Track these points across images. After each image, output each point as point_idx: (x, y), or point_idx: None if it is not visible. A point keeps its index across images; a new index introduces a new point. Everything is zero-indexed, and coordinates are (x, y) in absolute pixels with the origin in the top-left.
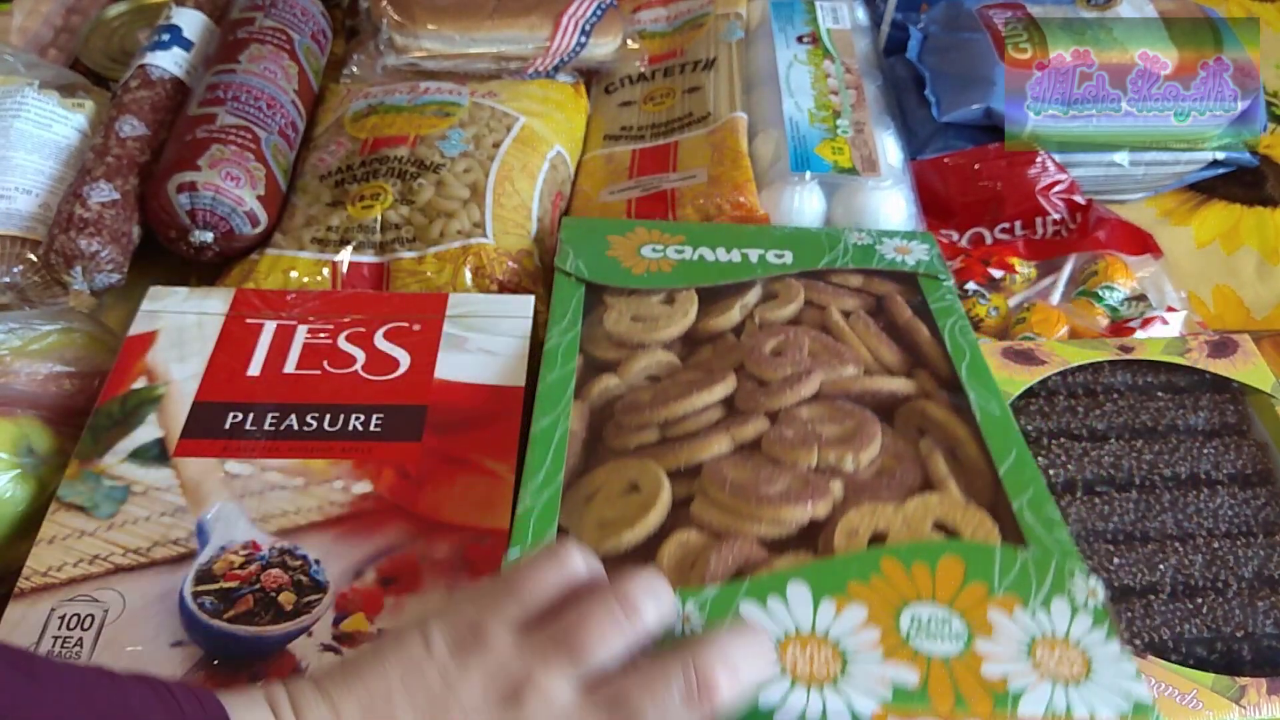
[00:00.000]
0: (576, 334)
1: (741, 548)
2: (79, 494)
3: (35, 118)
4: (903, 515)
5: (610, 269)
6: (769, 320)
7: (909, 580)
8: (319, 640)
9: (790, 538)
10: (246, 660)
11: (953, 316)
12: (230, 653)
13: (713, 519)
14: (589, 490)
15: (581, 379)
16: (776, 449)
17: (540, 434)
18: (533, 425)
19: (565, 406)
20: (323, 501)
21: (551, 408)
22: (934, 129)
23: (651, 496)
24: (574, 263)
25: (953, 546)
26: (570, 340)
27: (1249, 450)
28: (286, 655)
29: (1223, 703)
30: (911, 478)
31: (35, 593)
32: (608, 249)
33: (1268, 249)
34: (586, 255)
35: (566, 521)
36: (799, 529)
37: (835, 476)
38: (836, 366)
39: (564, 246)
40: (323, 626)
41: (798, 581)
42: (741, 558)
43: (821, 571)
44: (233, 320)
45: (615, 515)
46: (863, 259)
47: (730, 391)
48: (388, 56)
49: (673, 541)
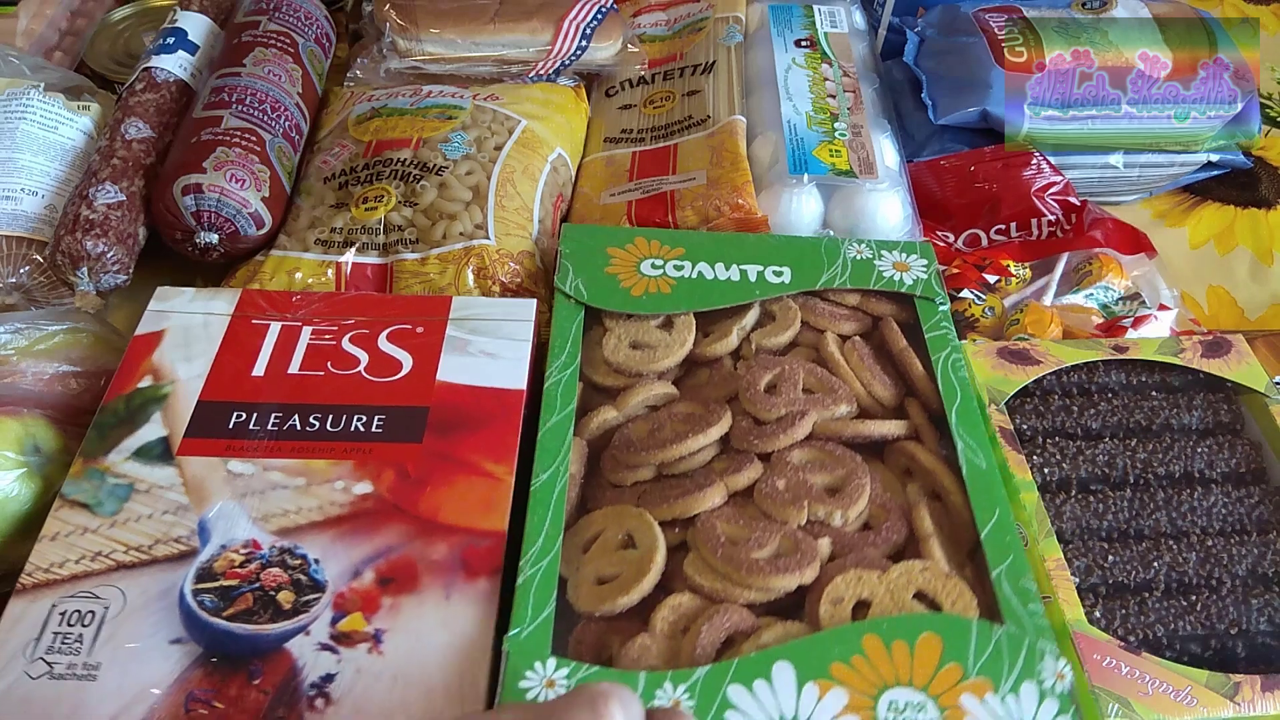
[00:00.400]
0: (576, 368)
1: (731, 616)
2: (83, 491)
3: (41, 120)
4: (886, 584)
5: (609, 289)
6: (765, 347)
7: (889, 660)
8: (316, 639)
9: (778, 600)
10: (244, 658)
11: (946, 349)
12: (228, 650)
13: (704, 582)
14: (588, 534)
15: (580, 408)
16: (768, 504)
17: (540, 490)
18: (533, 479)
19: (564, 457)
20: (323, 501)
21: (550, 459)
22: (931, 132)
23: (647, 559)
24: (573, 283)
25: (932, 621)
26: (569, 377)
27: (1242, 449)
28: (284, 653)
29: (1217, 699)
30: (897, 533)
31: (37, 589)
32: (607, 264)
33: (1261, 250)
34: (586, 273)
35: (565, 571)
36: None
37: (823, 532)
38: (830, 405)
39: (563, 262)
40: (320, 626)
41: (783, 663)
42: (731, 627)
43: (806, 650)
44: (238, 321)
45: (612, 571)
46: (860, 277)
47: (725, 431)
48: (391, 60)
49: (665, 607)
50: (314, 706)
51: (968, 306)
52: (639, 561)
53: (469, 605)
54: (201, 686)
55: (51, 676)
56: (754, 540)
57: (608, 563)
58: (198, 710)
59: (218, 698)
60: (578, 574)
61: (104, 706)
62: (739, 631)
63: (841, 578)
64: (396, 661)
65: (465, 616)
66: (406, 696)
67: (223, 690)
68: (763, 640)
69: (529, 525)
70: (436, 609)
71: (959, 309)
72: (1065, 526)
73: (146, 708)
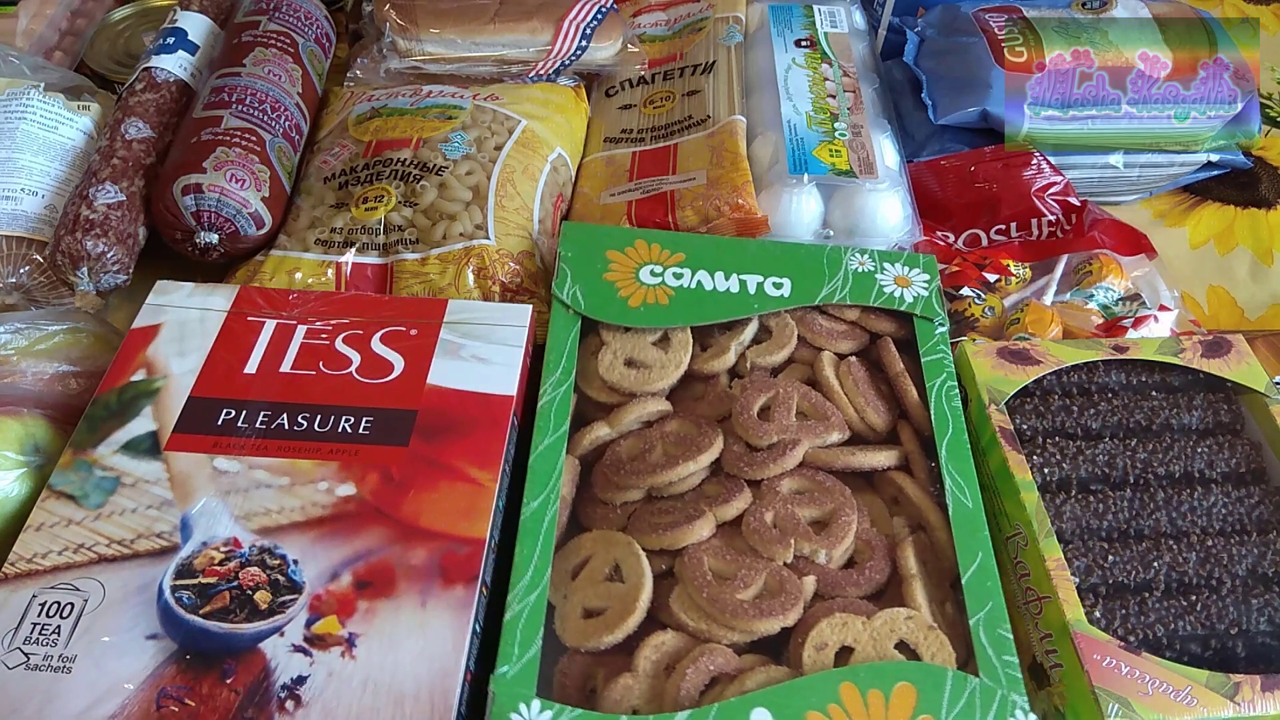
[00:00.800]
0: (570, 385)
1: (715, 659)
2: (70, 483)
3: (41, 120)
4: (870, 631)
5: (607, 298)
6: (761, 365)
7: (864, 711)
8: (290, 641)
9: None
10: (218, 656)
11: (941, 375)
12: (202, 648)
13: (689, 620)
14: (576, 560)
15: (575, 419)
16: (755, 539)
17: (529, 520)
18: (523, 506)
19: (555, 484)
20: (306, 502)
21: (541, 487)
22: (931, 131)
23: (632, 597)
24: (571, 290)
25: (909, 671)
26: (564, 395)
27: (1242, 449)
28: (257, 654)
29: (1217, 699)
30: (880, 573)
31: (19, 579)
32: (606, 270)
33: (1261, 250)
34: (584, 280)
35: (554, 598)
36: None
37: (809, 569)
38: (822, 432)
39: (562, 266)
40: (295, 627)
41: (761, 711)
42: (715, 669)
43: (784, 696)
44: (234, 317)
45: (599, 604)
46: (861, 292)
47: (715, 457)
48: (391, 60)
49: (648, 646)
50: (284, 708)
51: (968, 306)
52: (624, 598)
53: (444, 612)
54: (174, 683)
55: (27, 667)
56: (739, 579)
57: (595, 594)
58: (169, 707)
59: (189, 695)
60: (565, 603)
61: (76, 699)
62: (723, 674)
63: (827, 622)
64: (368, 667)
65: (440, 624)
66: (376, 702)
67: (195, 688)
68: (746, 686)
69: (518, 556)
70: (412, 615)
71: (959, 308)
72: (1065, 526)
73: (118, 702)
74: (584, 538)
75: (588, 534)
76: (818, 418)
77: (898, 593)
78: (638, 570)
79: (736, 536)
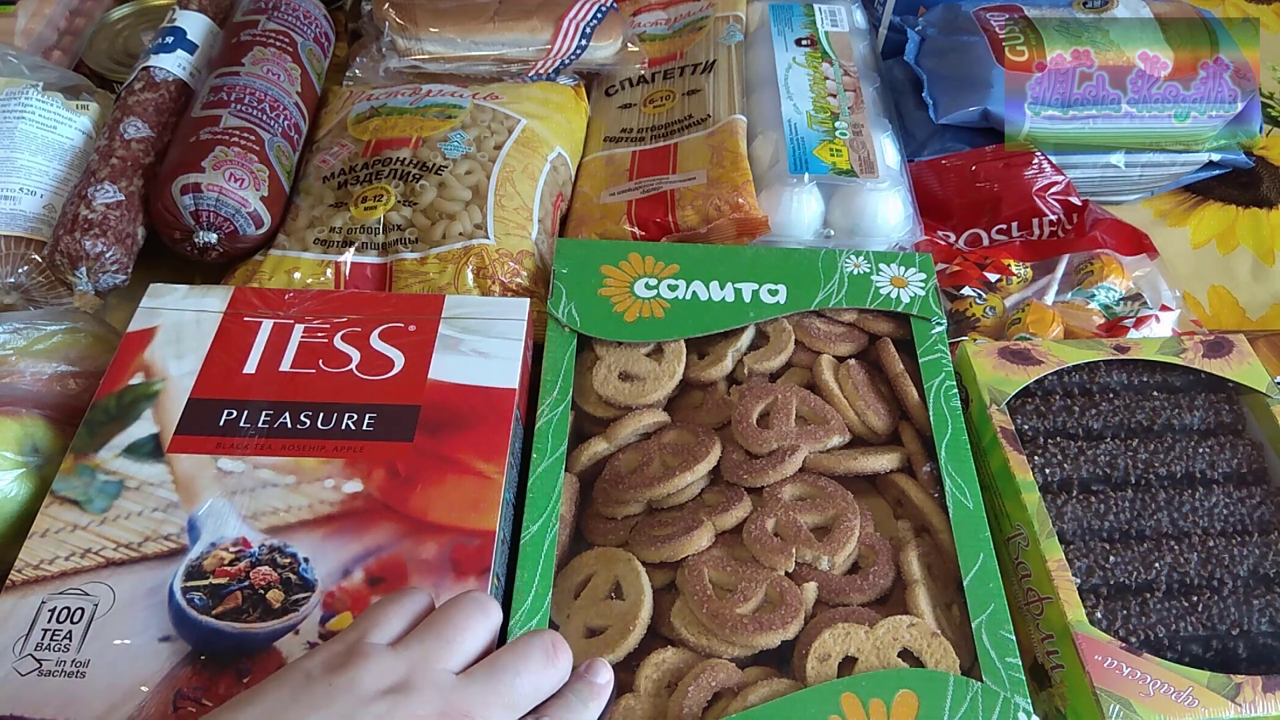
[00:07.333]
0: (568, 405)
1: (717, 674)
2: (73, 488)
3: (40, 119)
4: (873, 640)
5: (602, 314)
6: (759, 371)
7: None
8: (305, 638)
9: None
10: (233, 656)
11: (940, 375)
12: (217, 649)
13: (690, 635)
14: (578, 578)
15: (573, 435)
16: (756, 548)
17: (529, 545)
18: (523, 531)
19: (554, 506)
20: (313, 500)
21: (540, 510)
22: (931, 131)
23: (631, 615)
24: (566, 308)
25: (910, 678)
26: (561, 416)
27: (1244, 449)
28: (273, 652)
29: (1218, 700)
30: (884, 577)
31: (26, 585)
32: (600, 285)
33: (1263, 250)
34: (579, 297)
35: (556, 616)
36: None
37: (811, 575)
38: (822, 437)
39: (557, 284)
40: (309, 625)
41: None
42: (718, 685)
43: (786, 709)
44: (230, 318)
45: (600, 624)
46: (857, 295)
47: (713, 465)
48: (390, 59)
49: (649, 664)
50: None
51: (969, 305)
52: (624, 617)
53: None
54: (190, 684)
55: (40, 674)
56: (740, 592)
57: (596, 614)
58: (186, 708)
59: (206, 695)
60: (568, 622)
61: (93, 704)
62: (725, 689)
63: (830, 632)
64: None
65: None
66: None
67: (211, 688)
68: (749, 701)
69: (519, 580)
70: None
71: (960, 308)
72: (1066, 527)
73: (135, 705)
74: (585, 556)
75: (589, 552)
76: (818, 422)
77: (902, 597)
78: (637, 587)
79: (738, 545)
